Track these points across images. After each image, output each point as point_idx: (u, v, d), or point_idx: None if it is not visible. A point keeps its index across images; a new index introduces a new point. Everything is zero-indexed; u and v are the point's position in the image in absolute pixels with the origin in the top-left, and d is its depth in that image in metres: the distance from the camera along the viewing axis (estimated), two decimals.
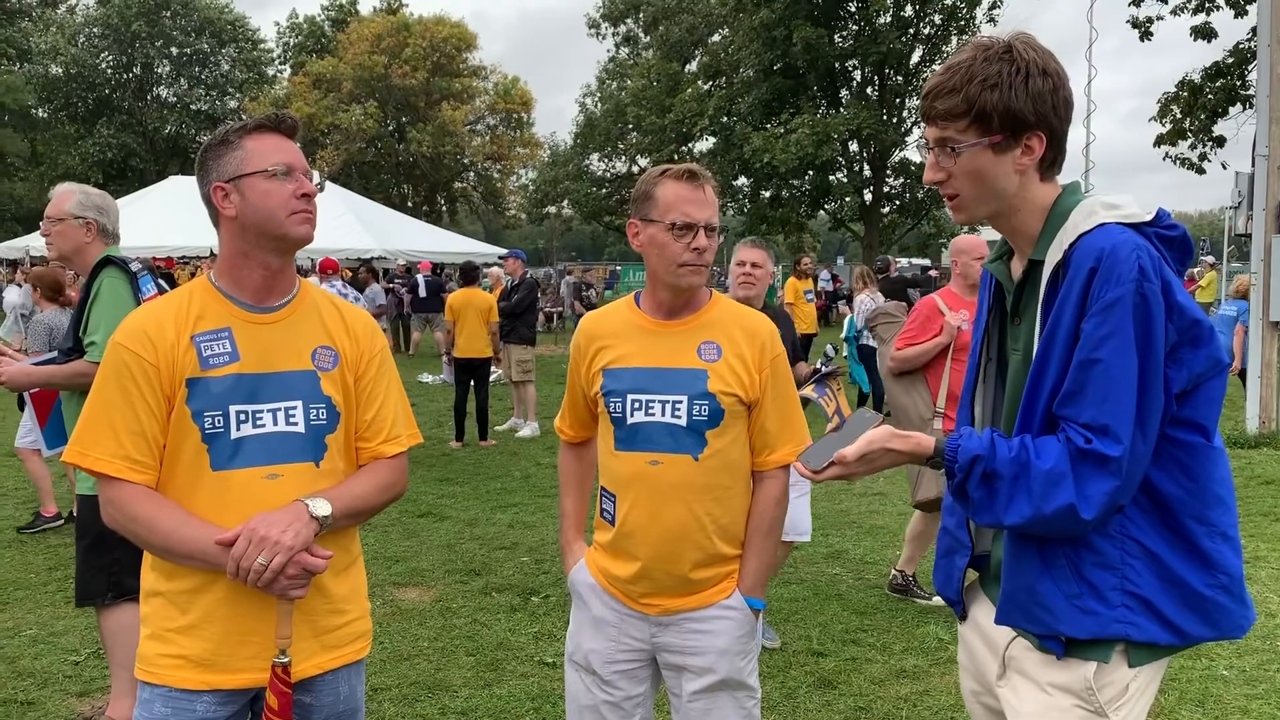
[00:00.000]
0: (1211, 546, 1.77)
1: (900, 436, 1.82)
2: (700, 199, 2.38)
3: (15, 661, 4.67)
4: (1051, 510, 1.70)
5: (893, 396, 5.23)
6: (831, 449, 1.85)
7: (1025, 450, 1.74)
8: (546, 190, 43.26)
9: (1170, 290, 1.69)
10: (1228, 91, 17.78)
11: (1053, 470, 1.70)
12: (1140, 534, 1.77)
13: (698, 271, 2.39)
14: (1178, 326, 1.69)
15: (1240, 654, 4.66)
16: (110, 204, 3.82)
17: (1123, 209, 1.76)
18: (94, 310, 3.57)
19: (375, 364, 2.23)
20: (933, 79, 1.86)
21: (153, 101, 52.39)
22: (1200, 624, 1.79)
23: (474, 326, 10.33)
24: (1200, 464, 1.77)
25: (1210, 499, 1.78)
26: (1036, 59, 1.77)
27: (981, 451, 1.75)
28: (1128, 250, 1.68)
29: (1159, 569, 1.77)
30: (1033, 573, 1.82)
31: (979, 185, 1.83)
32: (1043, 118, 1.78)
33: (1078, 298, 1.71)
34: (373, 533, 6.86)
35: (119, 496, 2.01)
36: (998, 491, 1.75)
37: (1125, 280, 1.66)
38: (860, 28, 31.47)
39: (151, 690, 2.06)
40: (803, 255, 14.68)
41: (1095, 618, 1.77)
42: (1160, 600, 1.76)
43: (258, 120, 2.13)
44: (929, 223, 34.00)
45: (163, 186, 26.98)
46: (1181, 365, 1.71)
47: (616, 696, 2.49)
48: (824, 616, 5.26)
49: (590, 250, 61.19)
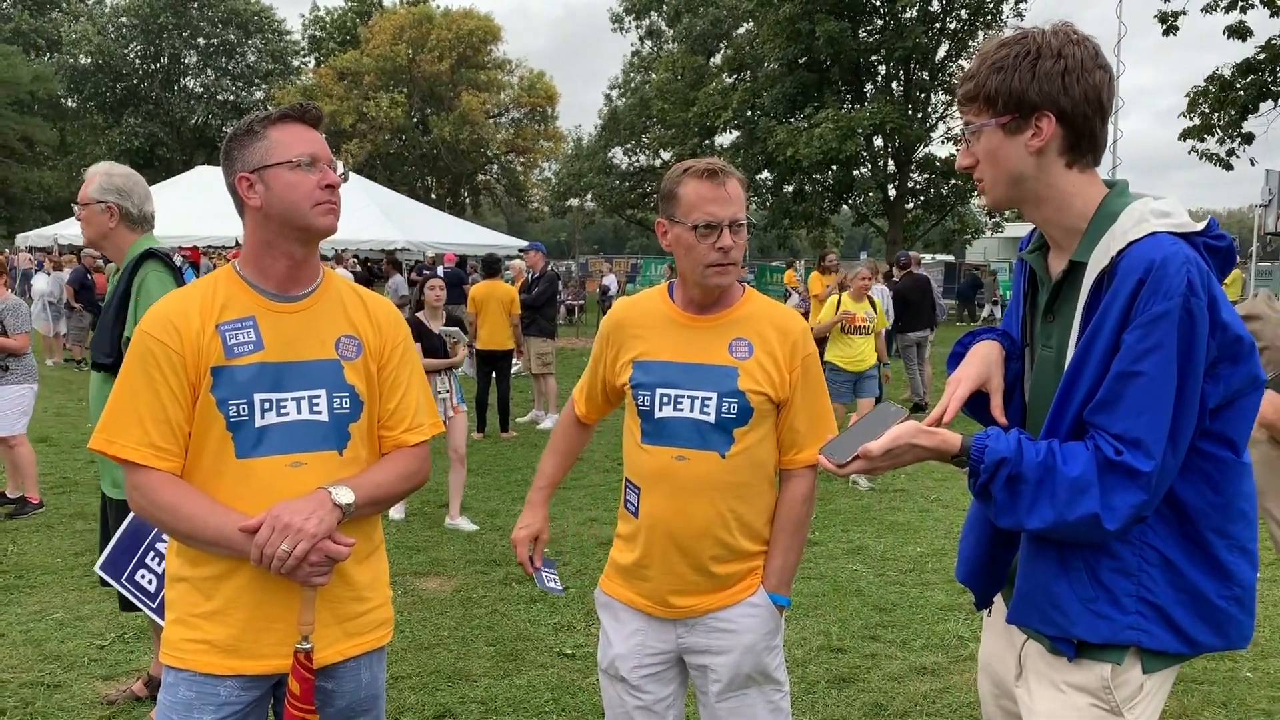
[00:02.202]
0: (1230, 559, 1.76)
1: (926, 432, 1.80)
2: (723, 196, 2.34)
3: (42, 645, 4.74)
4: (1075, 518, 1.69)
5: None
6: (856, 442, 1.84)
7: (1053, 455, 1.72)
8: (570, 183, 43.28)
9: (1216, 306, 1.66)
10: (1259, 87, 17.55)
11: (1080, 478, 1.68)
12: (1160, 542, 1.76)
13: (724, 272, 2.37)
14: (1219, 343, 1.68)
15: (1264, 656, 4.61)
16: (133, 186, 3.66)
17: (1174, 217, 1.73)
18: (140, 308, 3.45)
19: (398, 353, 2.24)
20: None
21: (180, 92, 52.85)
22: (1210, 633, 1.78)
23: (496, 318, 10.36)
24: (1227, 478, 1.75)
25: (1234, 513, 1.76)
26: (1053, 43, 1.77)
27: (1008, 454, 1.73)
28: (1178, 264, 1.65)
29: (1175, 578, 1.76)
30: (1049, 574, 1.82)
31: (995, 167, 1.84)
32: (1050, 98, 1.76)
33: (1122, 307, 1.68)
34: (394, 522, 6.90)
35: (145, 483, 2.03)
36: (1021, 495, 1.73)
37: (1173, 294, 1.64)
38: (886, 22, 31.26)
39: (176, 674, 2.08)
40: (828, 251, 14.60)
41: (1109, 622, 1.77)
42: (1174, 609, 1.76)
43: (282, 110, 2.14)
44: (953, 219, 33.76)
45: (189, 177, 27.22)
46: (1219, 381, 1.70)
47: (646, 700, 2.50)
48: (843, 612, 5.25)
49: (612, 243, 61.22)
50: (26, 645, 4.73)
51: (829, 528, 6.91)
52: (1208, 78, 18.20)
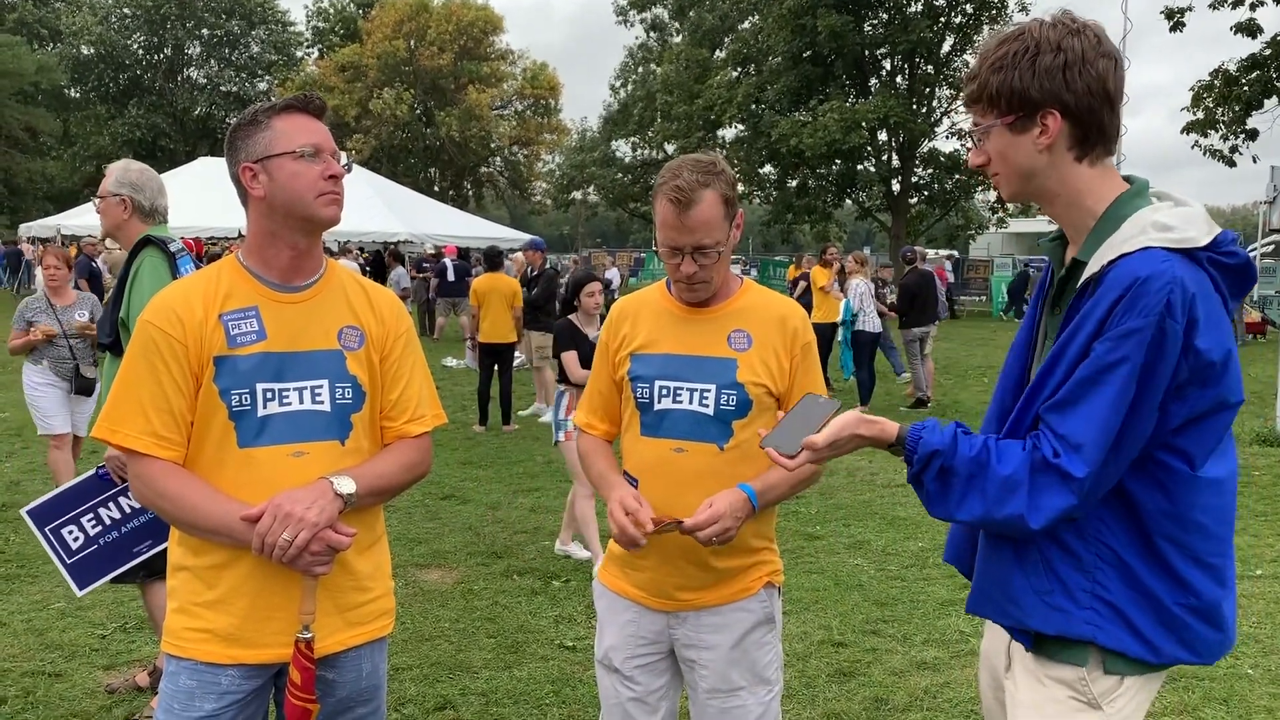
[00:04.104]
0: (1185, 569, 1.76)
1: (867, 422, 1.87)
2: (685, 225, 2.27)
3: (44, 634, 4.75)
4: (1001, 516, 1.74)
5: None
6: (796, 433, 1.89)
7: (987, 452, 1.77)
8: (573, 175, 43.25)
9: (1195, 330, 1.67)
10: (1264, 83, 17.48)
11: (1010, 478, 1.73)
12: (1115, 542, 1.77)
13: (692, 290, 2.38)
14: (1192, 366, 1.68)
15: (1266, 653, 4.61)
16: (147, 180, 3.78)
17: (1176, 231, 1.71)
18: (133, 291, 3.55)
19: (401, 344, 2.24)
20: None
21: (183, 83, 52.80)
22: (1174, 644, 1.78)
23: (499, 311, 10.36)
24: (1180, 489, 1.75)
25: (1189, 524, 1.76)
26: (1052, 36, 1.75)
27: (941, 447, 1.78)
28: (1161, 283, 1.65)
29: (1129, 578, 1.77)
30: (1007, 566, 1.85)
31: (1006, 166, 1.85)
32: (1053, 95, 1.75)
33: (1100, 317, 1.70)
34: (396, 514, 6.90)
35: (146, 472, 2.03)
36: (952, 487, 1.79)
37: (1150, 312, 1.65)
38: (891, 16, 31.20)
39: (178, 663, 2.09)
40: (829, 245, 14.60)
41: (1064, 615, 1.79)
42: (1131, 610, 1.76)
43: (286, 101, 2.14)
44: (957, 214, 33.72)
45: (192, 167, 27.21)
46: (1185, 402, 1.71)
47: (639, 692, 2.49)
48: (845, 607, 5.25)
49: (615, 236, 61.11)
50: (28, 634, 4.74)
51: (830, 522, 6.91)
52: (1212, 72, 18.12)
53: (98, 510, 3.53)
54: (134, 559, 3.58)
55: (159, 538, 3.55)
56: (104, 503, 3.55)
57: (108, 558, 3.55)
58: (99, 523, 3.53)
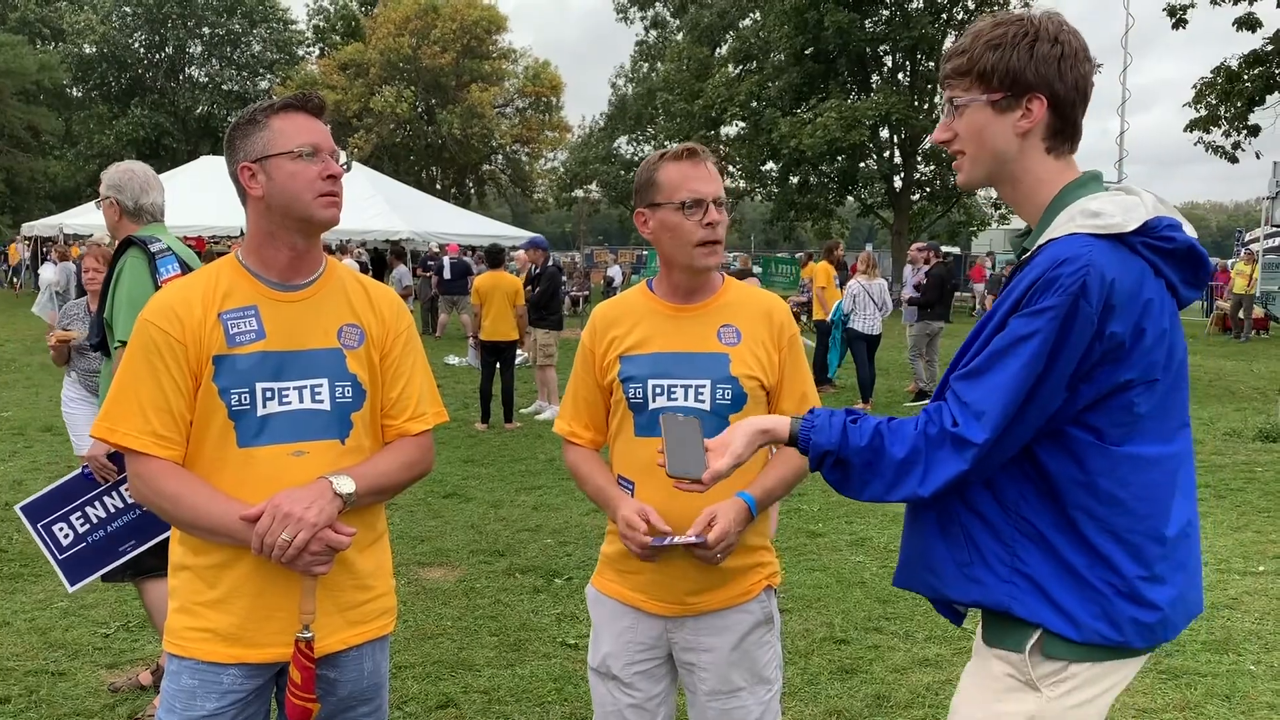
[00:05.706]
0: (1100, 542, 1.76)
1: (761, 430, 1.95)
2: (704, 174, 2.36)
3: (47, 633, 4.75)
4: (899, 496, 1.81)
5: None
6: (691, 455, 1.97)
7: (879, 438, 1.82)
8: (576, 171, 43.23)
9: (1109, 316, 1.69)
10: (1266, 79, 17.46)
11: (905, 460, 1.79)
12: (1033, 515, 1.79)
13: (713, 251, 2.37)
14: (1104, 349, 1.71)
15: (1268, 650, 4.61)
16: (128, 180, 3.73)
17: (1102, 218, 1.74)
18: (115, 293, 3.54)
19: (401, 342, 2.24)
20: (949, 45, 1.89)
21: (185, 82, 52.81)
22: (1096, 619, 1.75)
23: (500, 309, 10.36)
24: (1091, 458, 1.75)
25: (1101, 494, 1.75)
26: (1049, 27, 1.79)
27: (830, 446, 1.84)
28: (1078, 265, 1.69)
29: (1047, 551, 1.78)
30: (929, 538, 1.89)
31: (978, 144, 1.86)
32: (1045, 81, 1.78)
33: (1019, 295, 1.75)
34: (398, 512, 6.91)
35: (146, 471, 2.04)
36: (850, 476, 1.85)
37: (1064, 292, 1.68)
38: (892, 12, 31.16)
39: (179, 663, 2.09)
40: (836, 242, 14.61)
41: (980, 586, 1.82)
42: (1049, 583, 1.77)
43: (285, 100, 2.13)
44: (959, 210, 33.70)
45: (194, 166, 27.26)
46: (1094, 383, 1.74)
47: (638, 698, 2.48)
48: (846, 603, 5.25)
49: (617, 234, 61.06)
50: (31, 633, 4.75)
51: (832, 519, 6.91)
52: (1214, 69, 18.10)
53: (85, 509, 3.66)
54: (120, 558, 3.68)
55: (142, 538, 3.66)
56: (90, 502, 3.66)
57: (96, 556, 3.67)
58: (87, 521, 3.65)
